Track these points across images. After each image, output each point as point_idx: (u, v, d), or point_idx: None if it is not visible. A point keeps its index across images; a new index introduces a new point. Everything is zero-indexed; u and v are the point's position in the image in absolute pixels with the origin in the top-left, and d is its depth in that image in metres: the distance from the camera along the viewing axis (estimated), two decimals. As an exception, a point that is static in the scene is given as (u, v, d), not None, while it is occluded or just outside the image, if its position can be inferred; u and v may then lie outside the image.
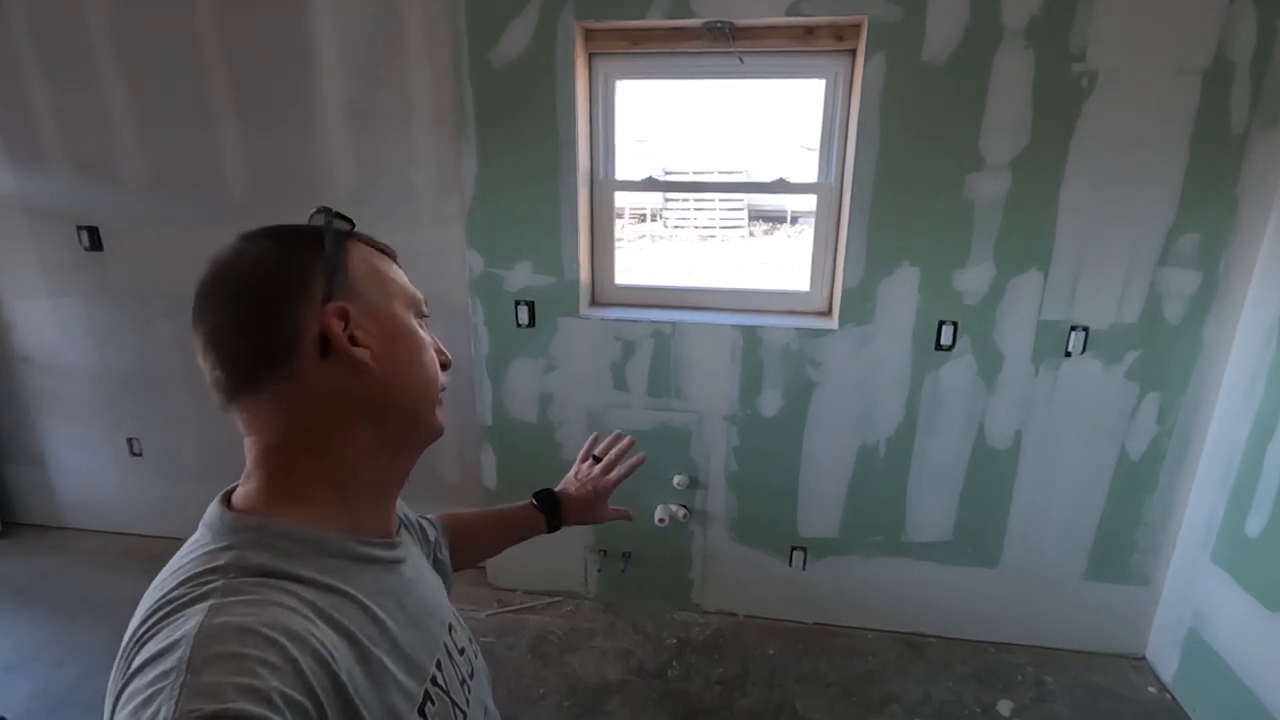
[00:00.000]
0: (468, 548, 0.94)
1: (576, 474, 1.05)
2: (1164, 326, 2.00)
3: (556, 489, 1.02)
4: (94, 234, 2.56)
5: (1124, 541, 2.20)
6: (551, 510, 1.00)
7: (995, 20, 1.84)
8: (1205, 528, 2.04)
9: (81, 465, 2.91)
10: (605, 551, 2.49)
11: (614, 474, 1.05)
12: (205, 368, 0.57)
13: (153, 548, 2.82)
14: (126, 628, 0.50)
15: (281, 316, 0.55)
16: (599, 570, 2.52)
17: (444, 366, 0.67)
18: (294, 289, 0.56)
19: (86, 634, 2.35)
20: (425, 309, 0.67)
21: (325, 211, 0.61)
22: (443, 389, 0.66)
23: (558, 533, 1.03)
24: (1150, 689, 2.17)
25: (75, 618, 2.44)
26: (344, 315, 0.57)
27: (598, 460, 1.05)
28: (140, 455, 2.85)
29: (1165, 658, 2.19)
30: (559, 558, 2.53)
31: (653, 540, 2.44)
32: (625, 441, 1.07)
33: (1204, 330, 1.99)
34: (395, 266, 0.65)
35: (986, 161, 1.94)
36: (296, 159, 2.35)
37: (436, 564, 0.84)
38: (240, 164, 2.39)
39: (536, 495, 1.01)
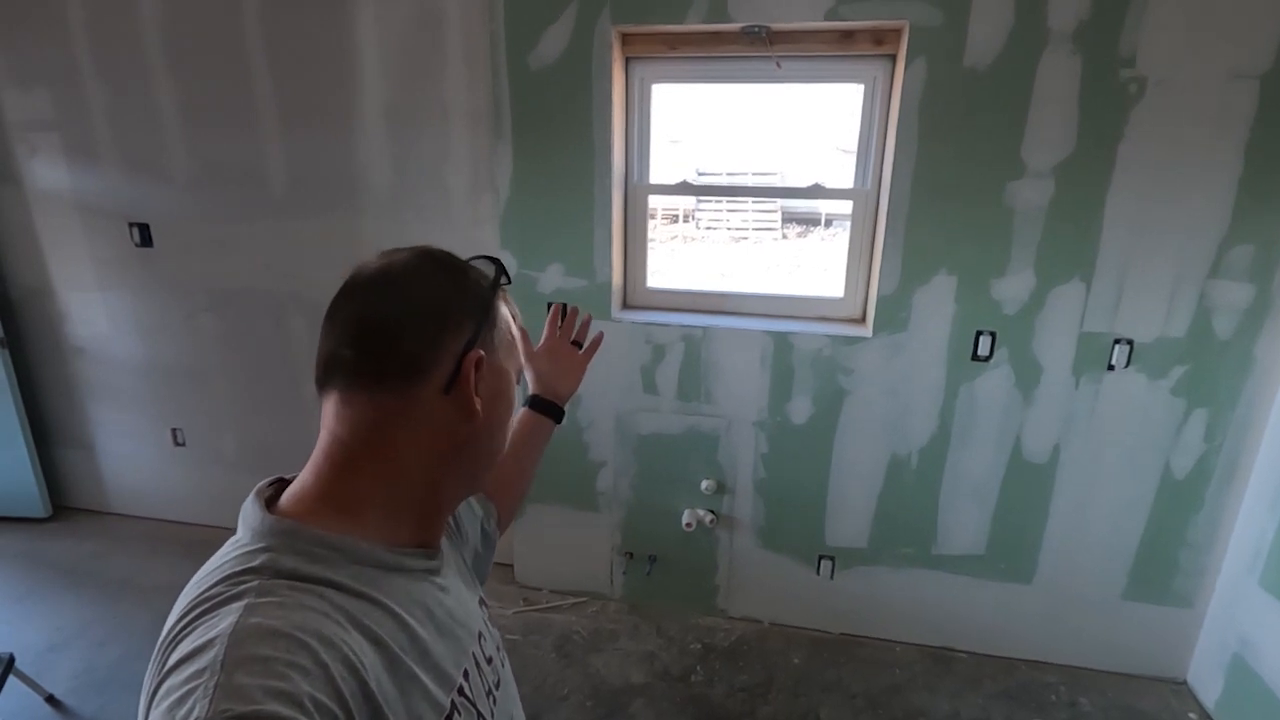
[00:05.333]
0: (509, 495, 0.95)
1: (550, 349, 1.06)
2: (1214, 341, 1.93)
3: (530, 384, 1.03)
4: (145, 230, 2.65)
5: (1166, 562, 2.13)
6: (548, 408, 1.02)
7: (1041, 24, 1.80)
8: (1253, 550, 1.97)
9: (128, 453, 3.01)
10: (631, 554, 2.50)
11: (586, 351, 1.10)
12: (329, 344, 0.58)
13: (193, 535, 2.91)
14: (167, 616, 0.51)
15: (433, 342, 0.58)
16: (624, 572, 2.53)
17: None
18: (453, 322, 0.60)
19: (128, 616, 2.43)
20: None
21: (495, 262, 0.66)
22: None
23: (584, 531, 1.02)
24: (1191, 715, 2.09)
25: (118, 600, 2.53)
26: (480, 365, 0.60)
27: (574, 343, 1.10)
28: (183, 445, 2.94)
29: (1208, 683, 2.12)
30: (585, 559, 2.54)
31: (679, 544, 2.43)
32: (585, 316, 1.13)
33: (1256, 346, 1.91)
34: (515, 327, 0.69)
35: (1029, 169, 1.90)
36: (336, 159, 2.40)
37: (485, 538, 0.85)
38: (282, 163, 2.45)
39: (528, 402, 1.02)
